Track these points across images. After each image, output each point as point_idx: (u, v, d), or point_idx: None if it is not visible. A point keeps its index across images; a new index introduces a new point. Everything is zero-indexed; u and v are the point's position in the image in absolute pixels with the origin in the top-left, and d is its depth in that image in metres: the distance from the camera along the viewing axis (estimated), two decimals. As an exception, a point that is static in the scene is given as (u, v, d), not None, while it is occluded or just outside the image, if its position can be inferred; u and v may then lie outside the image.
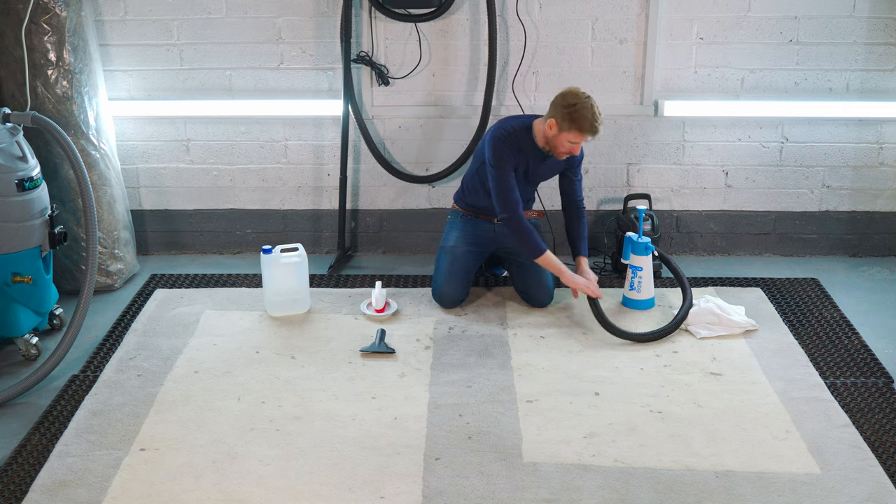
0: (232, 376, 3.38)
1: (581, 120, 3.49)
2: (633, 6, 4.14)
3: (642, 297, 3.88)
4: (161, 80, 4.32)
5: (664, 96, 4.26)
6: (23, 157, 3.46)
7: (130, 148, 4.44)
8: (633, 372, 3.38)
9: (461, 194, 4.01)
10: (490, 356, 3.51)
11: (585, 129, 3.51)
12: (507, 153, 3.66)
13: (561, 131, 3.56)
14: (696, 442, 2.94)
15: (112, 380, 3.36)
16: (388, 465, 2.84)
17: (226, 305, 3.95)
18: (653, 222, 4.15)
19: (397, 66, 4.28)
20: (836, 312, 3.86)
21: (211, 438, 2.99)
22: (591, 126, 3.50)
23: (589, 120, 3.49)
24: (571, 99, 3.53)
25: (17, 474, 2.83)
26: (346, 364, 3.47)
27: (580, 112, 3.49)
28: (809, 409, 3.12)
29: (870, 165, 4.35)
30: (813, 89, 4.23)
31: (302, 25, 4.22)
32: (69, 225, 3.98)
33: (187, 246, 4.62)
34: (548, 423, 3.06)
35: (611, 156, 4.39)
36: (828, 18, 4.11)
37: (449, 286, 3.87)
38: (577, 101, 3.51)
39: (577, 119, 3.49)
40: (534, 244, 3.70)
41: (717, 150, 4.36)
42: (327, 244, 4.61)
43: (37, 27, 3.78)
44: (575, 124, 3.51)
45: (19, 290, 3.49)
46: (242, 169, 4.48)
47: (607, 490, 2.71)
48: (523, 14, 4.14)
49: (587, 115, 3.49)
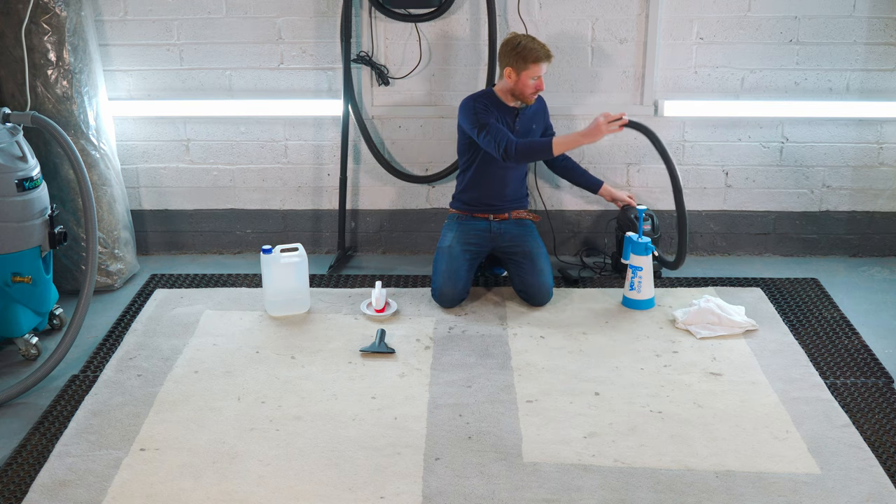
0: (232, 376, 3.38)
1: (531, 51, 3.71)
2: (633, 6, 4.14)
3: (642, 297, 3.88)
4: (161, 80, 4.32)
5: (664, 96, 4.26)
6: (23, 157, 3.46)
7: (130, 148, 4.44)
8: (633, 372, 3.38)
9: (455, 195, 4.07)
10: (490, 356, 3.51)
11: (541, 57, 3.72)
12: (481, 108, 3.80)
13: (520, 73, 3.75)
14: (696, 442, 2.94)
15: (112, 380, 3.36)
16: (388, 465, 2.84)
17: (226, 305, 3.95)
18: (653, 222, 4.14)
19: (397, 66, 4.28)
20: (836, 312, 3.86)
21: (211, 438, 2.99)
22: (544, 51, 3.72)
23: (538, 48, 3.71)
24: (513, 41, 3.75)
25: (17, 474, 2.83)
26: (346, 364, 3.47)
27: (527, 46, 3.71)
28: (809, 409, 3.12)
29: (870, 165, 4.35)
30: (813, 89, 4.23)
31: (302, 25, 4.22)
32: (69, 225, 3.98)
33: (187, 246, 4.62)
34: (548, 423, 3.06)
35: (611, 156, 4.39)
36: (828, 18, 4.11)
37: (448, 286, 3.87)
38: (518, 39, 3.75)
39: (528, 52, 3.71)
40: (543, 146, 3.78)
41: (717, 150, 4.36)
42: (327, 244, 4.61)
43: (37, 27, 3.78)
44: (529, 57, 3.71)
45: (19, 290, 3.49)
46: (242, 169, 4.48)
47: (607, 490, 2.71)
48: (523, 14, 4.14)
49: (534, 45, 3.72)
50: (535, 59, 3.71)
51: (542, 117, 4.03)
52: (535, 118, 3.97)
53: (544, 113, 4.06)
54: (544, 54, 3.72)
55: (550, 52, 3.74)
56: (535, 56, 3.70)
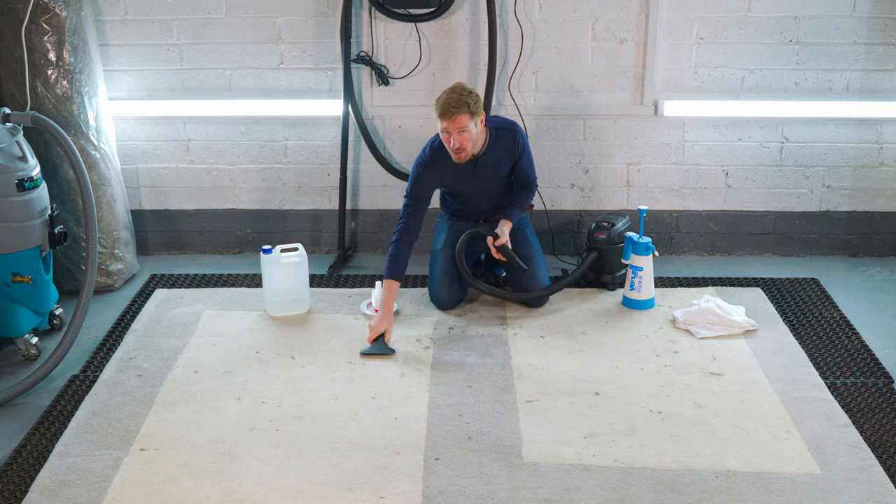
0: (232, 376, 3.38)
1: (436, 105, 3.52)
2: (633, 6, 4.14)
3: (642, 297, 3.88)
4: (161, 80, 4.32)
5: (664, 96, 4.26)
6: (23, 157, 3.46)
7: (130, 148, 4.44)
8: (633, 372, 3.38)
9: (440, 199, 4.08)
10: (490, 356, 3.51)
11: (438, 112, 3.51)
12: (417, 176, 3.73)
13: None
14: (696, 442, 2.94)
15: (112, 380, 3.36)
16: (388, 465, 2.84)
17: (226, 305, 3.95)
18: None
19: (397, 66, 4.28)
20: (836, 312, 3.86)
21: (211, 438, 2.99)
22: (440, 107, 3.49)
23: (439, 102, 3.50)
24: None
25: (17, 474, 2.83)
26: (346, 364, 3.47)
27: (438, 98, 3.53)
28: (809, 409, 3.12)
29: (870, 165, 4.35)
30: (813, 89, 4.23)
31: (302, 25, 4.22)
32: (69, 225, 3.98)
33: (187, 246, 4.62)
34: (548, 423, 3.06)
35: (611, 156, 4.39)
36: (828, 18, 4.11)
37: (443, 289, 3.87)
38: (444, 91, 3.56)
39: (436, 105, 3.53)
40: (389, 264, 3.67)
41: (717, 150, 4.36)
42: (327, 244, 4.61)
43: (37, 27, 3.78)
44: (435, 110, 3.53)
45: (19, 290, 3.49)
46: (242, 169, 4.48)
47: (607, 490, 2.71)
48: (521, 14, 4.14)
49: (440, 98, 3.51)
50: (436, 114, 3.53)
51: (505, 158, 3.75)
52: (499, 160, 3.74)
53: (513, 151, 3.75)
54: (439, 110, 3.49)
55: (451, 109, 3.46)
56: (436, 110, 3.53)
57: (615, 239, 4.01)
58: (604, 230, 4.00)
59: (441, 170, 3.73)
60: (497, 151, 3.74)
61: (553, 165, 4.39)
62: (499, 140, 3.74)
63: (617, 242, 4.01)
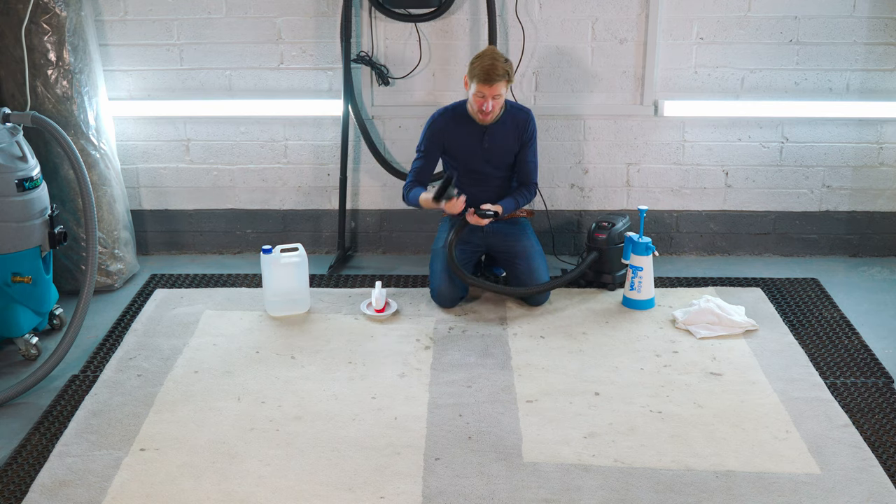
0: (232, 376, 3.38)
1: (472, 68, 3.63)
2: (633, 6, 4.14)
3: (642, 297, 3.88)
4: (161, 80, 4.32)
5: (664, 96, 4.26)
6: (23, 157, 3.46)
7: (130, 148, 4.44)
8: (633, 372, 3.38)
9: None
10: (490, 356, 3.51)
11: (476, 76, 3.61)
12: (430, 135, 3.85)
13: (469, 87, 3.70)
14: (696, 442, 2.94)
15: (112, 380, 3.36)
16: (388, 465, 2.84)
17: (226, 305, 3.95)
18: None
19: (397, 66, 4.28)
20: (836, 312, 3.86)
21: (211, 438, 2.99)
22: (483, 72, 3.58)
23: (478, 66, 3.60)
24: (477, 55, 3.69)
25: (17, 474, 2.83)
26: (346, 364, 3.47)
27: (477, 61, 3.63)
28: (809, 409, 3.12)
29: (870, 165, 4.35)
30: (813, 89, 4.23)
31: (302, 25, 4.22)
32: (69, 225, 3.98)
33: (187, 246, 4.62)
34: (548, 423, 3.06)
35: (611, 156, 4.39)
36: (828, 18, 4.11)
37: (445, 285, 3.87)
38: (480, 54, 3.68)
39: (472, 69, 3.64)
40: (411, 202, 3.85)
41: (717, 150, 4.36)
42: (327, 244, 4.61)
43: (37, 27, 3.78)
44: (472, 73, 3.64)
45: (19, 290, 3.49)
46: (242, 169, 4.48)
47: (607, 490, 2.71)
48: (522, 14, 4.14)
49: (481, 63, 3.61)
50: (474, 77, 3.64)
51: (514, 137, 3.84)
52: (507, 136, 3.83)
53: (522, 133, 3.85)
54: (482, 76, 3.59)
55: (495, 76, 3.57)
56: (474, 74, 3.63)
57: (615, 239, 4.01)
58: (604, 230, 4.01)
59: (452, 130, 3.84)
60: (507, 127, 3.84)
61: (553, 165, 4.39)
62: (511, 116, 3.85)
63: (617, 242, 4.02)
